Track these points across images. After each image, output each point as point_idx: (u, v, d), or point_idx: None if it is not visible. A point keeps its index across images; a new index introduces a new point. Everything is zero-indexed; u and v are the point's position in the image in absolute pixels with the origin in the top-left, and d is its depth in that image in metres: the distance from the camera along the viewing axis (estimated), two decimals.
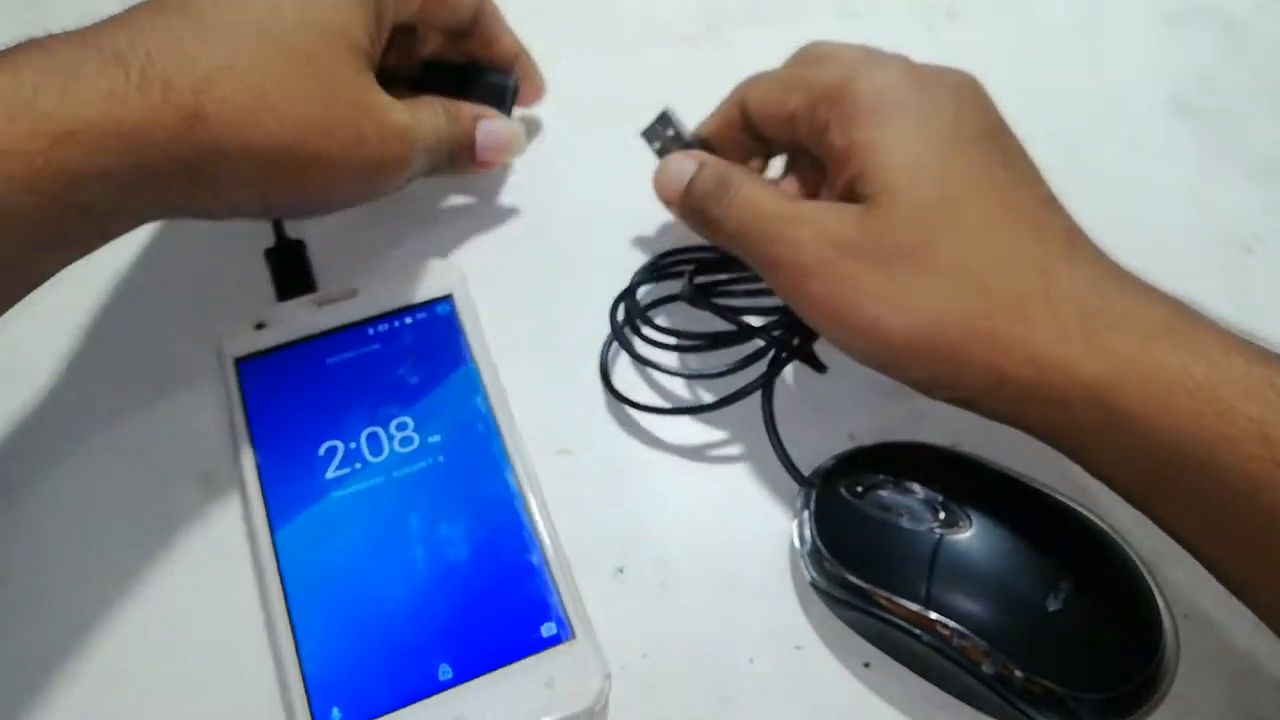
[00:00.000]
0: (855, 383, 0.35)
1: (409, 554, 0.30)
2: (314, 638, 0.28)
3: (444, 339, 0.34)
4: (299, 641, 0.28)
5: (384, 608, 0.29)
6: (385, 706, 0.27)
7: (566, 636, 0.28)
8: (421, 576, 0.29)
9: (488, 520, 0.30)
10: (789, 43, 0.34)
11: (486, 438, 0.32)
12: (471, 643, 0.28)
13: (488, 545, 0.30)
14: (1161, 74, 0.43)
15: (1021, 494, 0.29)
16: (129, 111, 0.24)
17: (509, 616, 0.29)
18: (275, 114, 0.27)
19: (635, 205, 0.38)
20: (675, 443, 0.34)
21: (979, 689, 0.27)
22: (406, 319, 0.34)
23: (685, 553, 0.31)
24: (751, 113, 0.33)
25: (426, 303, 0.35)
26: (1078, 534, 0.28)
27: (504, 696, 0.27)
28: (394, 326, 0.34)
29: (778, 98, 0.32)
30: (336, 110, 0.28)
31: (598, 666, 0.28)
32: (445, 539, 0.30)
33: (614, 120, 0.40)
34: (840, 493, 0.29)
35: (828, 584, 0.29)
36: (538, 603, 0.29)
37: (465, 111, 0.34)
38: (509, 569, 0.29)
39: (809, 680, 0.29)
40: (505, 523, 0.30)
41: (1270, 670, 0.30)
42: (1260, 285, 0.37)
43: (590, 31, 0.44)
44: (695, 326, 0.34)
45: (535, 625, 0.28)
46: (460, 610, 0.29)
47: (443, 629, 0.28)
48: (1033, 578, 0.27)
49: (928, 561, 0.27)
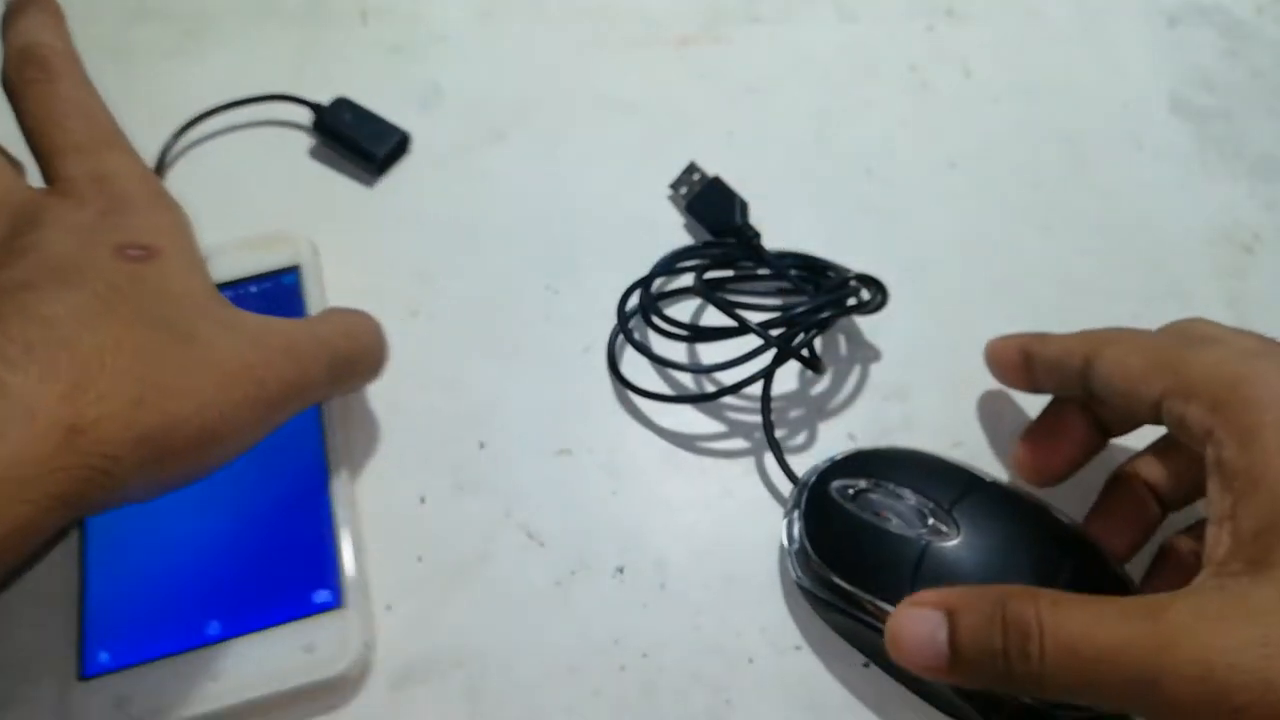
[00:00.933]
0: (855, 383, 0.35)
1: (205, 510, 0.30)
2: (100, 581, 0.29)
3: (286, 310, 0.34)
4: (87, 583, 0.29)
5: (169, 559, 0.29)
6: (149, 654, 0.28)
7: (335, 604, 0.29)
8: (211, 533, 0.30)
9: (290, 486, 0.31)
10: (789, 42, 0.34)
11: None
12: (243, 601, 0.29)
13: (283, 509, 0.30)
14: (1161, 74, 0.43)
15: (1013, 505, 0.29)
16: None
17: (285, 580, 0.29)
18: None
19: (635, 205, 0.38)
20: (675, 443, 0.34)
21: (959, 701, 0.27)
22: (251, 288, 0.35)
23: (685, 553, 0.31)
24: (1099, 378, 0.27)
25: (272, 273, 0.35)
26: (1067, 549, 0.28)
27: (263, 656, 0.28)
28: (237, 294, 0.34)
29: (1139, 373, 0.26)
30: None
31: (359, 636, 0.28)
32: (244, 499, 0.30)
33: (614, 119, 0.40)
34: (831, 495, 0.29)
35: (812, 584, 0.29)
36: (315, 569, 0.29)
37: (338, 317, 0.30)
38: (296, 534, 0.30)
39: (808, 680, 0.29)
40: (306, 490, 0.31)
41: None
42: (1260, 285, 0.37)
43: (590, 31, 0.44)
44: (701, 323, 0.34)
45: (308, 591, 0.29)
46: (240, 569, 0.29)
47: (219, 586, 0.29)
48: None
49: (912, 567, 0.27)
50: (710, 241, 0.37)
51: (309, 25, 0.43)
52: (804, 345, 0.32)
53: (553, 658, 0.29)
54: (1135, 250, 0.38)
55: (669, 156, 0.38)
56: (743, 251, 0.36)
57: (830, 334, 0.36)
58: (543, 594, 0.30)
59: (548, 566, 0.31)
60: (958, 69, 0.43)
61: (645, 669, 0.29)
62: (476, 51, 0.43)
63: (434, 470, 0.32)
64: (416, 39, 0.43)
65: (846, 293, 0.33)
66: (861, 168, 0.40)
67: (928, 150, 0.40)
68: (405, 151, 0.39)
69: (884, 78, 0.42)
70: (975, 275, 0.37)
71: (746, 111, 0.41)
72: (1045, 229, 0.38)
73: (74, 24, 0.29)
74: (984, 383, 0.34)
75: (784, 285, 0.36)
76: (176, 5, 0.44)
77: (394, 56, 0.43)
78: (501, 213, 0.38)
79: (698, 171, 0.37)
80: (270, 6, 0.44)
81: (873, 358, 0.35)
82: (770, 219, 0.37)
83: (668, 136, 0.40)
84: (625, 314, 0.35)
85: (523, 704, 0.29)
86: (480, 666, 0.29)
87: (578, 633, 0.30)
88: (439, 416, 0.34)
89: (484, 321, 0.36)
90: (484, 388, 0.34)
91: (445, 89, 0.41)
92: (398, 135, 0.39)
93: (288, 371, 0.26)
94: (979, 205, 0.39)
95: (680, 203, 0.38)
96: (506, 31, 0.43)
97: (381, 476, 0.32)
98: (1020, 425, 0.33)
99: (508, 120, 0.41)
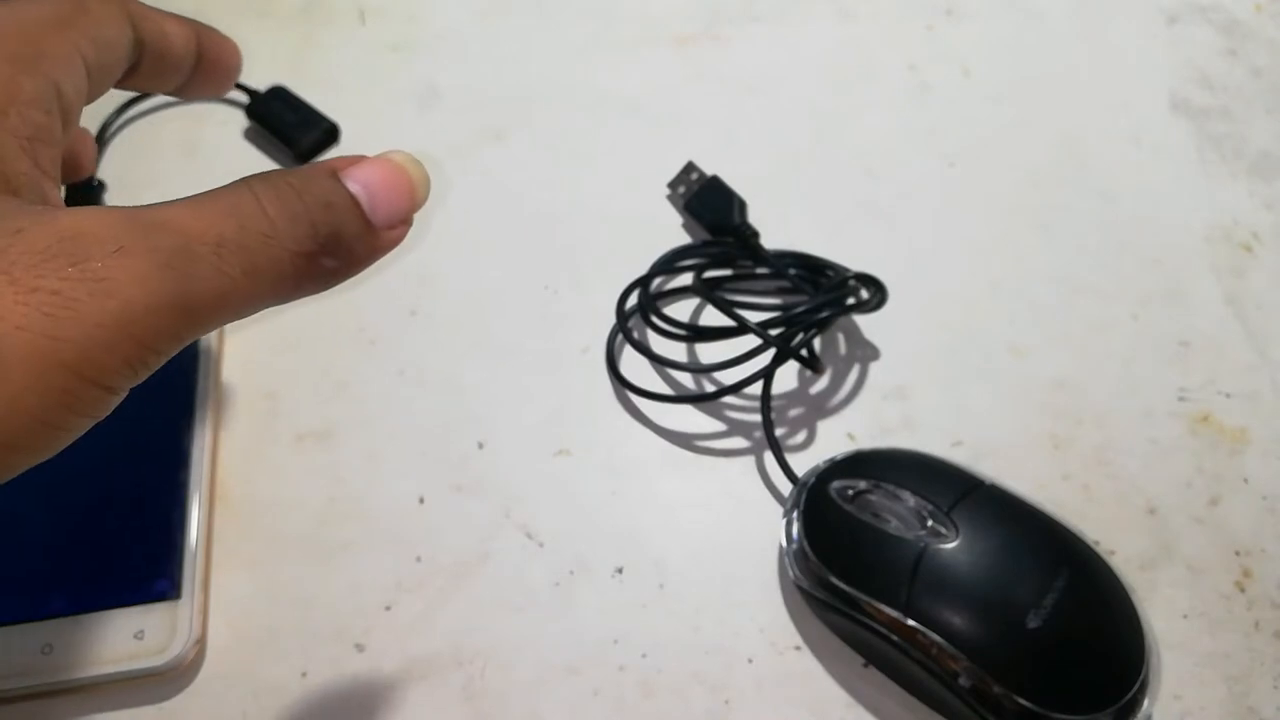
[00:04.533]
0: (854, 383, 0.35)
1: (66, 484, 0.30)
2: None
3: None
4: None
5: (26, 528, 0.30)
6: None
7: (170, 595, 0.29)
8: (66, 509, 0.30)
9: (151, 472, 0.31)
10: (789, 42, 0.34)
11: (187, 391, 0.32)
12: (84, 580, 0.29)
13: (139, 494, 0.31)
14: (1161, 73, 0.43)
15: (1011, 509, 0.29)
16: None
17: (127, 565, 0.29)
18: None
19: (634, 204, 0.38)
20: (675, 444, 0.34)
21: (955, 703, 0.27)
22: None
23: (684, 553, 0.31)
24: None
25: None
26: (1065, 553, 0.28)
27: (95, 637, 0.28)
28: None
29: None
30: None
31: (189, 630, 0.28)
32: (104, 479, 0.31)
33: (613, 119, 0.40)
34: (830, 495, 0.29)
35: (810, 584, 0.29)
36: (156, 558, 0.30)
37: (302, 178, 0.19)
38: (145, 521, 0.30)
39: (808, 680, 0.29)
40: (165, 478, 0.31)
41: (1270, 670, 0.30)
42: (1259, 284, 0.37)
43: (590, 31, 0.44)
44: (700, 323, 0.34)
45: (148, 579, 0.29)
46: (87, 548, 0.30)
47: (65, 561, 0.29)
48: (1015, 593, 0.27)
49: (910, 569, 0.27)
50: (709, 241, 0.37)
51: (307, 25, 0.43)
52: (803, 345, 0.32)
53: (552, 658, 0.29)
54: (1134, 249, 0.38)
55: (668, 156, 0.38)
56: (742, 251, 0.36)
57: (830, 334, 0.36)
58: (542, 594, 0.30)
59: (547, 567, 0.31)
60: (957, 69, 0.43)
61: (645, 669, 0.29)
62: (475, 51, 0.43)
63: (433, 470, 0.32)
64: (415, 38, 0.43)
65: (846, 292, 0.33)
66: (861, 167, 0.40)
67: (927, 150, 0.40)
68: (335, 142, 0.40)
69: (883, 77, 0.42)
70: (975, 274, 0.37)
71: (746, 111, 0.41)
72: (1044, 228, 0.38)
73: None
74: (984, 383, 0.34)
75: (783, 285, 0.36)
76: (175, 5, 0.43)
77: (392, 56, 0.42)
78: (500, 212, 0.38)
79: (696, 171, 0.37)
80: (268, 6, 0.44)
81: (872, 357, 0.35)
82: (769, 218, 0.37)
83: (667, 136, 0.40)
84: (624, 313, 0.35)
85: (522, 704, 0.29)
86: (479, 666, 0.29)
87: (577, 633, 0.30)
88: (438, 416, 0.34)
89: (483, 321, 0.36)
90: (483, 388, 0.34)
91: (444, 88, 0.41)
92: (324, 125, 0.39)
93: (159, 299, 0.16)
94: (978, 204, 0.39)
95: (679, 202, 0.38)
96: (505, 31, 0.43)
97: (380, 476, 0.32)
98: (1020, 425, 0.33)
99: (506, 120, 0.41)
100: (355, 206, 0.19)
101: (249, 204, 0.18)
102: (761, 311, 0.33)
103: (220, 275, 0.17)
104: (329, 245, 0.19)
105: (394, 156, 0.21)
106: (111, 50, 0.22)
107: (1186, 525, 0.32)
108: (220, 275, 0.17)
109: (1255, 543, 0.32)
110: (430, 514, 0.32)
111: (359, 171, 0.20)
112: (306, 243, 0.18)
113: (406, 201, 0.20)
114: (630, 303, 0.35)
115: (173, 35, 0.24)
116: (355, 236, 0.19)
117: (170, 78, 0.25)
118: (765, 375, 0.32)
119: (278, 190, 0.18)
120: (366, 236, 0.20)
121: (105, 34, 0.22)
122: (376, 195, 0.20)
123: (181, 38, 0.24)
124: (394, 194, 0.20)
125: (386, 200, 0.20)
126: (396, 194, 0.20)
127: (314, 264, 0.19)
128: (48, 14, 0.20)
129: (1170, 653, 0.29)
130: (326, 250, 0.19)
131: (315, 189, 0.19)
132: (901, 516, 0.28)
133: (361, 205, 0.19)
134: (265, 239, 0.18)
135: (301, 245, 0.18)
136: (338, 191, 0.19)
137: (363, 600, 0.30)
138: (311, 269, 0.19)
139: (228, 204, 0.18)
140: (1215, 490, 0.33)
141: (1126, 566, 0.31)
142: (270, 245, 0.18)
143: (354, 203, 0.19)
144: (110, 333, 0.16)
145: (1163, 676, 0.29)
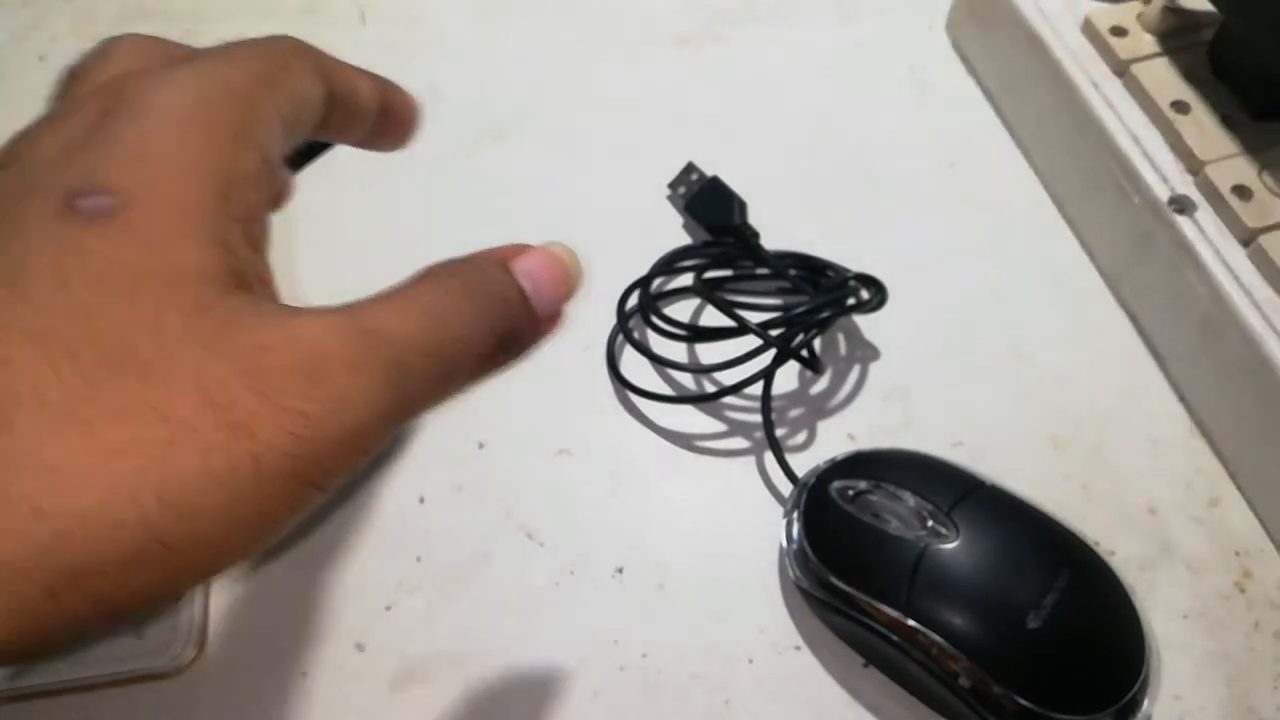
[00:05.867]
0: (855, 383, 0.35)
1: None
2: None
3: None
4: None
5: None
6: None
7: None
8: None
9: None
10: (789, 42, 0.34)
11: None
12: None
13: None
14: None
15: (1011, 509, 0.29)
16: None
17: None
18: None
19: (634, 205, 0.38)
20: (675, 444, 0.34)
21: (955, 703, 0.27)
22: None
23: (684, 553, 0.31)
24: None
25: None
26: (1065, 554, 0.28)
27: None
28: None
29: None
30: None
31: (189, 630, 0.29)
32: None
33: (613, 119, 0.40)
34: (831, 495, 0.29)
35: (811, 585, 0.29)
36: None
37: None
38: None
39: (808, 680, 0.29)
40: None
41: (1270, 670, 0.30)
42: None
43: (590, 31, 0.44)
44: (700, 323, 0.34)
45: None
46: None
47: None
48: (1015, 594, 0.27)
49: (910, 569, 0.27)
50: (709, 241, 0.37)
51: (307, 25, 0.43)
52: (804, 345, 0.32)
53: (552, 658, 0.29)
54: None
55: (668, 156, 0.38)
56: (742, 251, 0.36)
57: (830, 334, 0.36)
58: (542, 594, 0.30)
59: (547, 567, 0.31)
60: (957, 68, 0.43)
61: (645, 669, 0.29)
62: (475, 51, 0.43)
63: (433, 470, 0.32)
64: (415, 39, 0.43)
65: (846, 292, 0.33)
66: (861, 168, 0.40)
67: (928, 150, 0.40)
68: (327, 147, 0.40)
69: (883, 77, 0.42)
70: (975, 274, 0.37)
71: (746, 111, 0.41)
72: (1044, 228, 0.38)
73: (73, 23, 0.29)
74: (984, 383, 0.34)
75: (783, 285, 0.36)
76: (176, 5, 0.44)
77: (392, 56, 0.42)
78: (500, 212, 0.38)
79: (696, 171, 0.37)
80: (268, 6, 0.44)
81: (872, 358, 0.35)
82: (769, 219, 0.37)
83: (667, 136, 0.40)
84: (624, 314, 0.35)
85: (522, 704, 0.29)
86: (480, 666, 0.29)
87: (577, 633, 0.30)
88: (438, 417, 0.33)
89: None
90: (483, 387, 0.34)
91: (444, 89, 0.41)
92: None
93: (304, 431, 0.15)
94: (978, 204, 0.39)
95: (679, 202, 0.38)
96: (505, 31, 0.43)
97: (380, 477, 0.32)
98: (1020, 425, 0.33)
99: (506, 120, 0.41)
100: (525, 301, 0.20)
101: (446, 306, 0.18)
102: (762, 312, 0.33)
103: (424, 381, 0.18)
104: (504, 342, 0.19)
105: (553, 249, 0.21)
106: (307, 108, 0.21)
107: (1186, 525, 0.32)
108: (424, 381, 0.18)
109: (1255, 543, 0.32)
110: (430, 514, 0.32)
111: (525, 263, 0.20)
112: (490, 343, 0.19)
113: (564, 291, 0.21)
114: (631, 303, 0.35)
115: (361, 91, 0.24)
116: (524, 330, 0.20)
117: (353, 132, 0.24)
118: (765, 375, 0.32)
119: (465, 288, 0.19)
120: (532, 330, 0.20)
121: (304, 92, 0.21)
122: (540, 286, 0.20)
123: (368, 93, 0.24)
124: (555, 285, 0.20)
125: (549, 291, 0.20)
126: (556, 285, 0.21)
127: (491, 362, 0.19)
128: (254, 73, 0.20)
129: (1170, 653, 0.29)
130: (503, 348, 0.19)
131: (494, 286, 0.19)
132: (902, 517, 0.28)
133: (529, 298, 0.20)
134: (459, 344, 0.18)
135: (486, 347, 0.19)
136: (511, 286, 0.19)
137: (363, 600, 0.30)
138: (487, 367, 0.19)
139: (427, 305, 0.18)
140: (1215, 490, 0.33)
141: (1126, 566, 0.31)
142: (462, 349, 0.18)
143: (524, 297, 0.20)
144: (342, 447, 0.16)
145: (1163, 676, 0.29)
